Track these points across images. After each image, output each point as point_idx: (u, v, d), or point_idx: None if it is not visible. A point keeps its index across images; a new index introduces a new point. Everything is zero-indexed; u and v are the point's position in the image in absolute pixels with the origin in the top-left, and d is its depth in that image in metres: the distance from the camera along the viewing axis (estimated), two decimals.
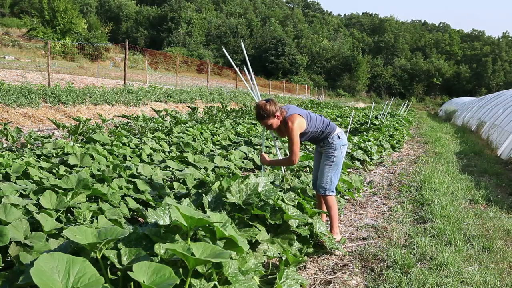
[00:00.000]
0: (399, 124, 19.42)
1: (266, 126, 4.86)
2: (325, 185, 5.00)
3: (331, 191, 5.02)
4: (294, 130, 4.70)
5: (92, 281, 2.32)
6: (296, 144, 4.73)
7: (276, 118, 4.76)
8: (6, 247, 3.02)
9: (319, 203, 5.32)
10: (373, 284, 3.98)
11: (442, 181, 8.19)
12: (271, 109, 4.70)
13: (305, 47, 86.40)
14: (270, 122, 4.75)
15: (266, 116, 4.70)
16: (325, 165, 5.00)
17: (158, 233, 3.11)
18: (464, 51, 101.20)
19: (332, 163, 4.98)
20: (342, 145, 5.03)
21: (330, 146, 4.98)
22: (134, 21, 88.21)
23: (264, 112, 4.70)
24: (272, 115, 4.71)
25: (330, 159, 4.98)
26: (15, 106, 12.01)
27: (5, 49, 38.84)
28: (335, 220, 5.08)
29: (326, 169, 5.00)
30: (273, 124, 4.79)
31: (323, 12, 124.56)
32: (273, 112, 4.70)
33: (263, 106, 4.72)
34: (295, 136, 4.71)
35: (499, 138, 14.33)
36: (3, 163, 5.27)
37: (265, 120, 4.74)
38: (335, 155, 4.97)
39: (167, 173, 6.37)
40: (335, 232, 5.04)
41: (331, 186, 5.01)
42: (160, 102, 18.80)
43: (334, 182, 5.04)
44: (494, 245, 4.99)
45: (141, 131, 10.36)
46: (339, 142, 4.98)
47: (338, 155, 4.98)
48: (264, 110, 4.70)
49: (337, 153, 4.97)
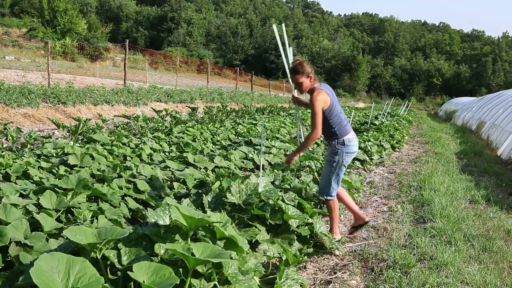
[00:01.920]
0: (399, 124, 19.41)
1: (296, 84, 4.80)
2: (323, 189, 4.95)
3: (330, 195, 4.93)
4: (317, 101, 4.60)
5: (92, 281, 2.32)
6: (318, 116, 4.59)
7: (309, 80, 4.73)
8: (6, 247, 3.02)
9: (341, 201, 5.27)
10: (373, 284, 3.98)
11: (442, 181, 8.19)
12: (307, 68, 4.69)
13: (305, 47, 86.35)
14: (301, 80, 4.71)
15: (301, 72, 4.68)
16: (325, 168, 4.93)
17: (158, 233, 3.11)
18: (464, 51, 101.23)
19: (331, 168, 4.85)
20: (346, 152, 4.81)
21: (332, 150, 4.84)
22: (134, 21, 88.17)
23: (300, 68, 4.69)
24: (306, 75, 4.69)
25: (330, 163, 4.86)
26: (15, 106, 12.01)
27: (5, 49, 38.82)
28: (335, 221, 5.02)
29: (326, 172, 4.91)
30: (303, 84, 4.74)
31: (323, 12, 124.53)
32: (308, 72, 4.69)
33: (302, 62, 4.74)
34: (317, 107, 4.59)
35: (499, 138, 14.32)
36: (3, 163, 5.27)
37: (298, 76, 4.71)
38: (335, 160, 4.81)
39: (167, 173, 6.37)
40: (334, 232, 4.99)
41: (329, 190, 4.91)
42: (160, 102, 18.80)
43: (334, 187, 4.92)
44: (494, 245, 4.99)
45: (141, 131, 10.36)
46: (342, 148, 4.78)
47: (338, 161, 4.80)
48: (302, 65, 4.70)
49: (338, 158, 4.79)
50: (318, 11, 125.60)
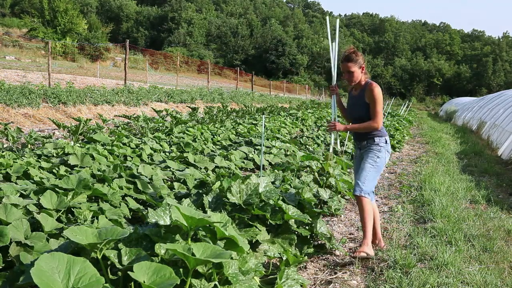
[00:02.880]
0: (400, 124, 19.41)
1: (347, 73, 4.57)
2: (361, 183, 4.55)
3: (366, 193, 4.53)
4: (379, 93, 4.47)
5: (92, 281, 2.32)
6: (380, 108, 4.48)
7: (360, 71, 4.57)
8: (6, 247, 3.02)
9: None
10: (374, 284, 3.98)
11: (443, 181, 8.18)
12: (361, 59, 4.55)
13: (305, 47, 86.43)
14: (353, 69, 4.53)
15: (354, 60, 4.51)
16: (367, 162, 4.59)
17: (158, 233, 3.11)
18: (464, 51, 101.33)
19: (375, 163, 4.58)
20: (387, 150, 4.69)
21: (375, 147, 4.61)
22: (135, 21, 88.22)
23: (355, 56, 4.52)
24: (359, 65, 4.54)
25: (374, 158, 4.59)
26: (16, 106, 12.01)
27: (5, 49, 38.84)
28: (367, 227, 4.52)
29: (368, 167, 4.58)
30: (354, 74, 4.55)
31: (324, 12, 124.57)
32: (361, 63, 4.55)
33: (356, 51, 4.60)
34: (380, 98, 4.47)
35: (499, 138, 14.32)
36: (4, 163, 5.27)
37: (351, 64, 4.52)
38: (380, 156, 4.59)
39: (167, 173, 6.37)
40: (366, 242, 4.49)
41: (366, 187, 4.53)
42: (160, 102, 18.82)
43: (371, 185, 4.61)
44: (495, 245, 4.99)
45: (141, 131, 10.36)
46: (385, 146, 4.64)
47: (382, 158, 4.60)
48: (356, 54, 4.54)
49: (382, 155, 4.60)
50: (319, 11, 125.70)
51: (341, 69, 4.69)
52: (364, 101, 4.56)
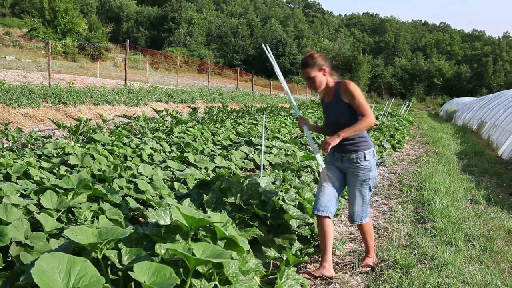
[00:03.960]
0: (400, 124, 19.42)
1: (308, 80, 4.05)
2: (361, 212, 4.16)
3: (365, 218, 4.20)
4: (358, 88, 3.99)
5: (92, 281, 2.32)
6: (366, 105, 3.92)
7: (322, 74, 4.02)
8: (6, 247, 3.02)
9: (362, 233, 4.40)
10: (374, 284, 3.98)
11: (443, 181, 8.18)
12: (319, 60, 4.01)
13: (305, 47, 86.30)
14: (313, 74, 3.99)
15: (311, 65, 3.98)
16: (361, 190, 4.09)
17: (158, 233, 3.11)
18: (464, 51, 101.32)
19: (367, 186, 4.10)
20: (375, 165, 4.18)
21: (366, 164, 4.03)
22: (135, 21, 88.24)
23: (311, 60, 4.00)
24: (319, 67, 3.99)
25: (366, 182, 4.07)
26: (16, 106, 12.01)
27: (5, 49, 38.86)
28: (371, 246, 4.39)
29: (363, 194, 4.11)
30: (315, 79, 4.01)
31: (324, 12, 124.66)
32: (321, 65, 4.00)
33: (312, 53, 4.06)
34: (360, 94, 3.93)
35: (499, 138, 14.32)
36: (4, 163, 5.27)
37: (308, 69, 4.00)
38: (371, 177, 4.07)
39: (167, 173, 6.37)
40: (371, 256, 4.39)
41: (365, 212, 4.18)
42: (160, 102, 18.81)
43: (367, 207, 4.23)
44: (495, 245, 4.99)
45: (141, 131, 10.36)
46: (373, 160, 4.09)
47: (373, 177, 4.11)
48: (312, 57, 4.02)
49: (373, 174, 4.09)
50: (319, 11, 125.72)
51: (302, 77, 4.22)
52: (343, 103, 3.99)
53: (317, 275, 4.02)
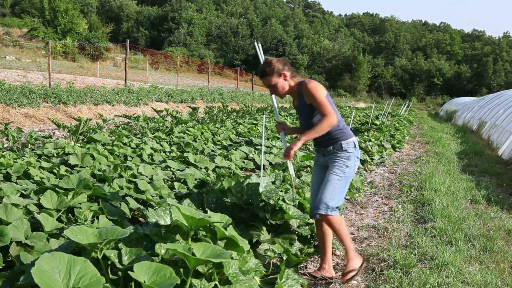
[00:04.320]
0: (400, 124, 19.41)
1: (270, 88, 3.97)
2: (328, 200, 3.78)
3: (333, 209, 3.81)
4: (317, 88, 3.78)
5: (93, 281, 2.32)
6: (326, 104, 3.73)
7: (283, 78, 3.91)
8: (7, 247, 3.02)
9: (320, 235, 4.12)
10: (374, 284, 3.98)
11: (443, 181, 8.19)
12: (278, 65, 3.88)
13: (305, 47, 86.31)
14: (274, 82, 3.89)
15: (270, 72, 3.87)
16: (334, 173, 3.84)
17: (158, 233, 3.11)
18: (465, 51, 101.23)
19: (343, 174, 3.84)
20: (357, 157, 3.95)
21: (343, 154, 3.87)
22: (135, 21, 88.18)
23: (268, 67, 3.88)
24: (278, 73, 3.88)
25: (341, 169, 3.84)
26: (16, 106, 12.01)
27: (6, 49, 38.86)
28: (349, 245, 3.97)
29: (334, 178, 3.83)
30: (277, 85, 3.91)
31: (324, 12, 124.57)
32: (280, 69, 3.87)
33: (269, 60, 3.93)
34: (320, 94, 3.75)
35: (500, 138, 14.32)
36: (4, 163, 5.27)
37: (267, 78, 3.90)
38: (349, 165, 3.86)
39: (168, 173, 6.37)
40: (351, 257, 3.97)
41: (334, 202, 3.81)
42: (160, 102, 18.82)
43: (339, 200, 3.87)
44: (495, 245, 4.99)
45: (141, 131, 10.36)
46: (354, 152, 3.91)
47: (351, 167, 3.88)
48: (269, 64, 3.89)
49: (351, 163, 3.87)
50: (319, 11, 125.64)
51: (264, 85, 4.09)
52: (307, 104, 3.89)
53: (317, 276, 4.02)
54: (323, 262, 4.06)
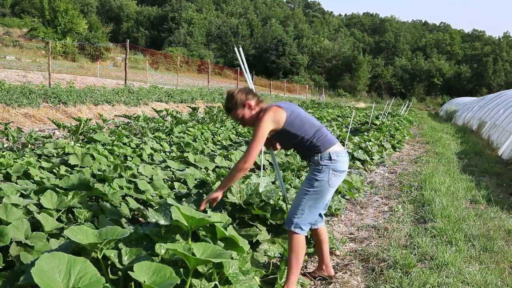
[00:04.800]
0: (400, 124, 19.41)
1: (239, 121, 3.75)
2: (292, 216, 3.59)
3: (299, 227, 3.56)
4: (262, 121, 3.49)
5: (93, 281, 2.32)
6: (258, 140, 3.48)
7: (248, 109, 3.65)
8: (7, 247, 3.02)
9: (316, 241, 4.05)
10: (374, 284, 3.98)
11: (443, 181, 8.19)
12: (240, 96, 3.63)
13: (305, 47, 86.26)
14: (240, 114, 3.65)
15: (233, 106, 3.64)
16: (302, 187, 3.64)
17: (158, 233, 3.11)
18: (465, 51, 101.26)
19: (311, 189, 3.56)
20: (334, 170, 3.57)
21: (315, 167, 3.60)
22: (135, 21, 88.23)
23: (230, 102, 3.66)
24: (242, 105, 3.63)
25: (311, 182, 3.57)
26: (16, 106, 12.01)
27: (6, 49, 38.83)
28: (294, 272, 3.59)
29: (300, 194, 3.61)
30: (244, 117, 3.66)
31: (324, 12, 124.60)
32: (243, 100, 3.62)
33: (230, 94, 3.69)
34: (261, 128, 3.47)
35: (500, 138, 14.32)
36: (4, 163, 5.27)
37: (232, 112, 3.67)
38: (318, 179, 3.54)
39: (167, 173, 6.37)
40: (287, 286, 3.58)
41: (301, 220, 3.56)
42: (160, 102, 18.81)
43: (308, 217, 3.59)
44: (495, 245, 4.99)
45: (141, 131, 10.36)
46: (329, 164, 3.56)
47: (322, 180, 3.54)
48: (231, 98, 3.66)
49: (322, 177, 3.55)
50: (319, 11, 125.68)
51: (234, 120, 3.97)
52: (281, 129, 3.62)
53: (316, 275, 4.03)
54: (321, 263, 4.06)
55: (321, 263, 4.07)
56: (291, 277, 3.56)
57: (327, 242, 4.04)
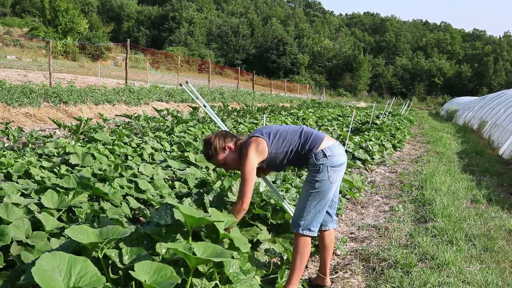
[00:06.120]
0: (401, 124, 19.42)
1: (221, 166, 3.71)
2: (299, 219, 3.53)
3: (307, 229, 3.51)
4: (248, 156, 3.44)
5: (93, 281, 2.32)
6: (248, 180, 3.40)
7: (229, 151, 3.58)
8: (7, 247, 3.02)
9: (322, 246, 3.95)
10: (375, 283, 3.98)
11: (444, 180, 8.18)
12: (218, 142, 3.55)
13: (306, 47, 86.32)
14: (221, 159, 3.58)
15: (213, 154, 3.56)
16: (304, 192, 3.54)
17: (159, 233, 3.11)
18: (465, 50, 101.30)
19: (313, 190, 3.47)
20: (332, 166, 3.48)
21: (313, 168, 3.50)
22: (136, 21, 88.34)
23: (209, 148, 3.57)
24: (222, 149, 3.55)
25: (312, 184, 3.48)
26: (17, 106, 12.01)
27: (6, 49, 38.84)
28: (297, 273, 3.54)
29: (305, 198, 3.52)
30: (226, 161, 3.60)
31: (325, 12, 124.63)
32: (222, 145, 3.55)
33: (207, 141, 3.61)
34: (248, 164, 3.42)
35: (500, 137, 14.31)
36: (5, 162, 5.27)
37: (213, 160, 3.61)
38: (318, 179, 3.45)
39: (168, 172, 6.37)
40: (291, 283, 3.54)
41: (307, 221, 3.50)
42: (161, 101, 18.80)
43: (316, 217, 3.52)
44: (496, 245, 4.99)
45: (142, 131, 10.36)
46: (325, 161, 3.46)
47: (323, 180, 3.46)
48: (210, 144, 3.57)
49: (322, 176, 3.45)
50: (320, 10, 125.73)
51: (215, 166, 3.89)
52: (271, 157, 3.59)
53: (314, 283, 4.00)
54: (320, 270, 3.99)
55: (319, 271, 3.99)
56: (293, 277, 3.53)
57: (330, 251, 3.94)
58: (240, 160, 3.53)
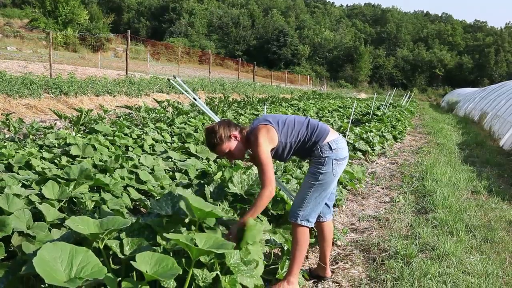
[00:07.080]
0: (401, 115, 19.40)
1: (225, 156, 3.55)
2: (298, 209, 3.49)
3: (305, 219, 3.49)
4: (260, 145, 3.34)
5: (95, 271, 2.33)
6: (268, 166, 3.32)
7: (234, 139, 3.46)
8: (8, 237, 3.03)
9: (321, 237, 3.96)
10: (375, 273, 3.99)
11: (444, 171, 8.19)
12: (223, 130, 3.42)
13: (307, 38, 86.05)
14: (227, 148, 3.45)
15: (217, 142, 3.41)
16: (306, 183, 3.51)
17: (160, 223, 3.12)
18: (466, 41, 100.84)
19: (316, 182, 3.45)
20: (336, 159, 3.48)
21: (317, 160, 3.48)
22: (136, 12, 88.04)
23: (214, 137, 3.42)
24: (226, 137, 3.42)
25: (315, 176, 3.46)
26: (17, 97, 12.00)
27: (6, 40, 38.74)
28: (297, 263, 3.52)
29: (306, 189, 3.49)
30: (231, 151, 3.48)
31: (325, 3, 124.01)
32: (227, 134, 3.42)
33: (213, 128, 3.47)
34: (263, 153, 3.33)
35: (501, 128, 14.30)
36: (6, 153, 5.28)
37: (217, 148, 3.45)
38: (322, 171, 3.44)
39: (169, 163, 6.38)
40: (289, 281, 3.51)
41: (306, 212, 3.48)
42: (162, 92, 18.77)
43: (315, 209, 3.50)
44: (496, 236, 5.00)
45: (143, 122, 10.36)
46: (331, 154, 3.46)
47: (327, 172, 3.45)
48: (214, 132, 3.43)
49: (326, 169, 3.44)
50: (320, 1, 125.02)
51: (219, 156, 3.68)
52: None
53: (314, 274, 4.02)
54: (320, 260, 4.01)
55: (320, 261, 4.00)
56: (293, 268, 3.51)
57: (329, 242, 3.94)
58: (245, 149, 3.51)
